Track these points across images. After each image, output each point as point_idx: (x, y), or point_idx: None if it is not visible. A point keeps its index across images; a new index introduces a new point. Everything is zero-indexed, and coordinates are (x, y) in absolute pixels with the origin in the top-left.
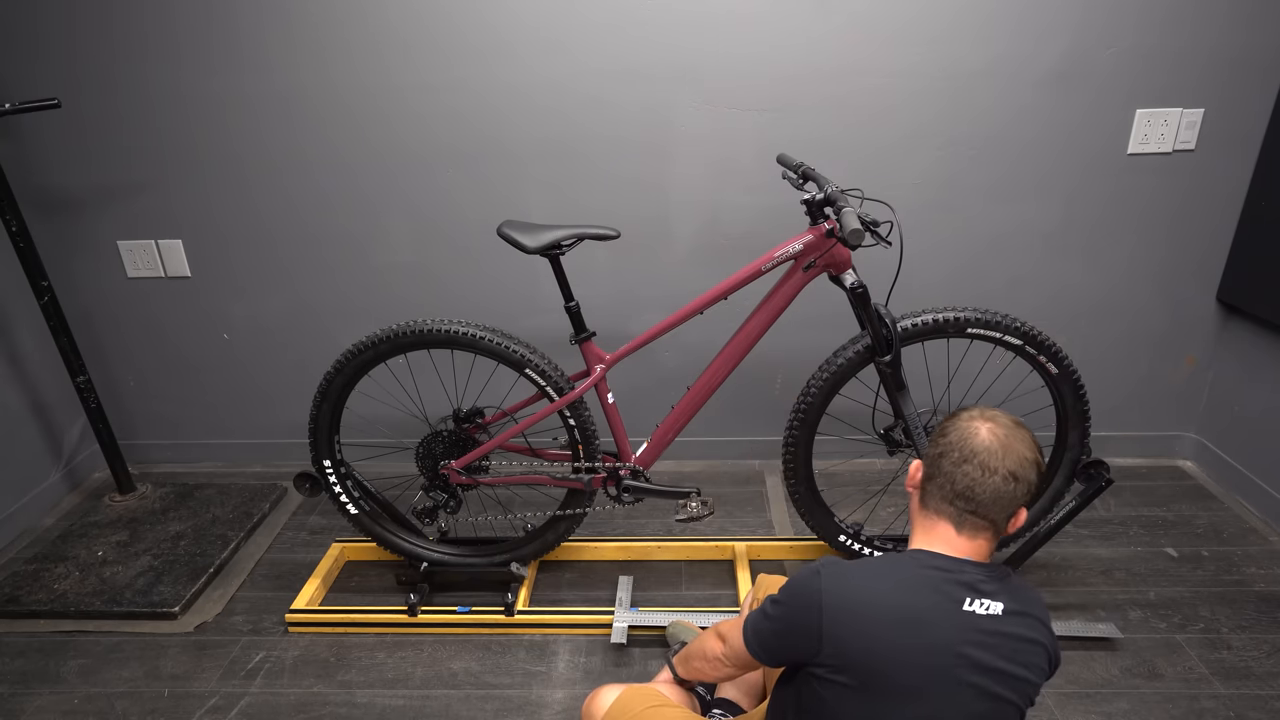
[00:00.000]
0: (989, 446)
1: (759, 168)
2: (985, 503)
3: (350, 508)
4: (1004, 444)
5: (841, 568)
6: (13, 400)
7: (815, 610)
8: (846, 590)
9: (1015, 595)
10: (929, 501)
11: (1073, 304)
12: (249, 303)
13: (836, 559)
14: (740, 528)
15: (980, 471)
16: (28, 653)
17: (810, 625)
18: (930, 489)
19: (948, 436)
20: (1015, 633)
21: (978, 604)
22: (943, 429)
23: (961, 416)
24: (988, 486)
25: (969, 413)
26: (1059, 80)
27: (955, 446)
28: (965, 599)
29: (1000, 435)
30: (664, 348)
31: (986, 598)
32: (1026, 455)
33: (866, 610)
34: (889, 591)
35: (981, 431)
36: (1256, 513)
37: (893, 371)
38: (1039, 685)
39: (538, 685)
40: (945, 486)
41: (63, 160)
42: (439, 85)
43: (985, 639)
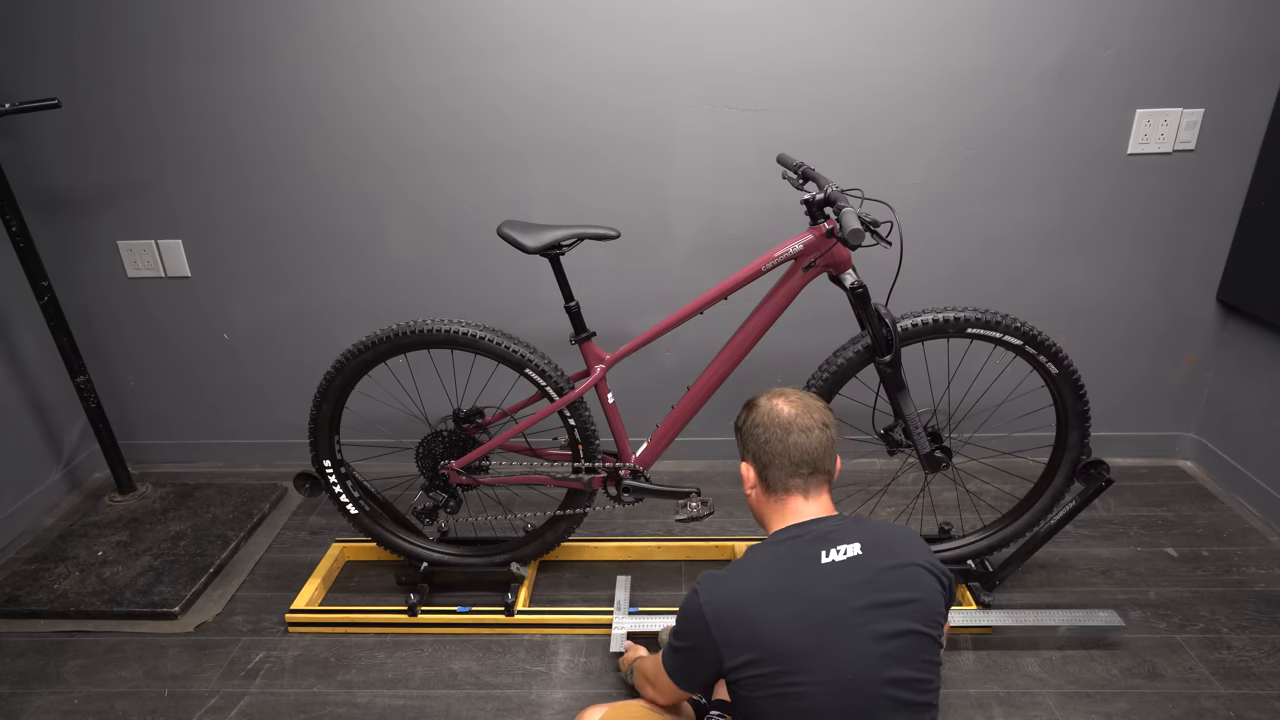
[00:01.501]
0: (795, 412)
1: (759, 167)
2: (819, 457)
3: (350, 508)
4: (803, 404)
5: (714, 577)
6: (13, 400)
7: (703, 624)
8: (722, 594)
9: (872, 532)
10: (775, 486)
11: (1073, 304)
12: (249, 303)
13: (709, 573)
14: (740, 528)
15: (804, 434)
16: (28, 653)
17: (706, 642)
18: (773, 475)
19: (759, 425)
20: (881, 564)
21: (835, 552)
22: (750, 424)
23: (757, 407)
24: (814, 442)
25: (758, 402)
26: (1059, 80)
27: (772, 428)
28: (821, 552)
29: (795, 401)
30: (664, 348)
31: (840, 543)
32: (820, 404)
33: (743, 603)
34: (758, 577)
35: (780, 405)
36: (1256, 513)
37: (893, 371)
38: (936, 603)
39: (538, 685)
40: (784, 463)
41: (63, 160)
42: (439, 85)
43: (854, 579)
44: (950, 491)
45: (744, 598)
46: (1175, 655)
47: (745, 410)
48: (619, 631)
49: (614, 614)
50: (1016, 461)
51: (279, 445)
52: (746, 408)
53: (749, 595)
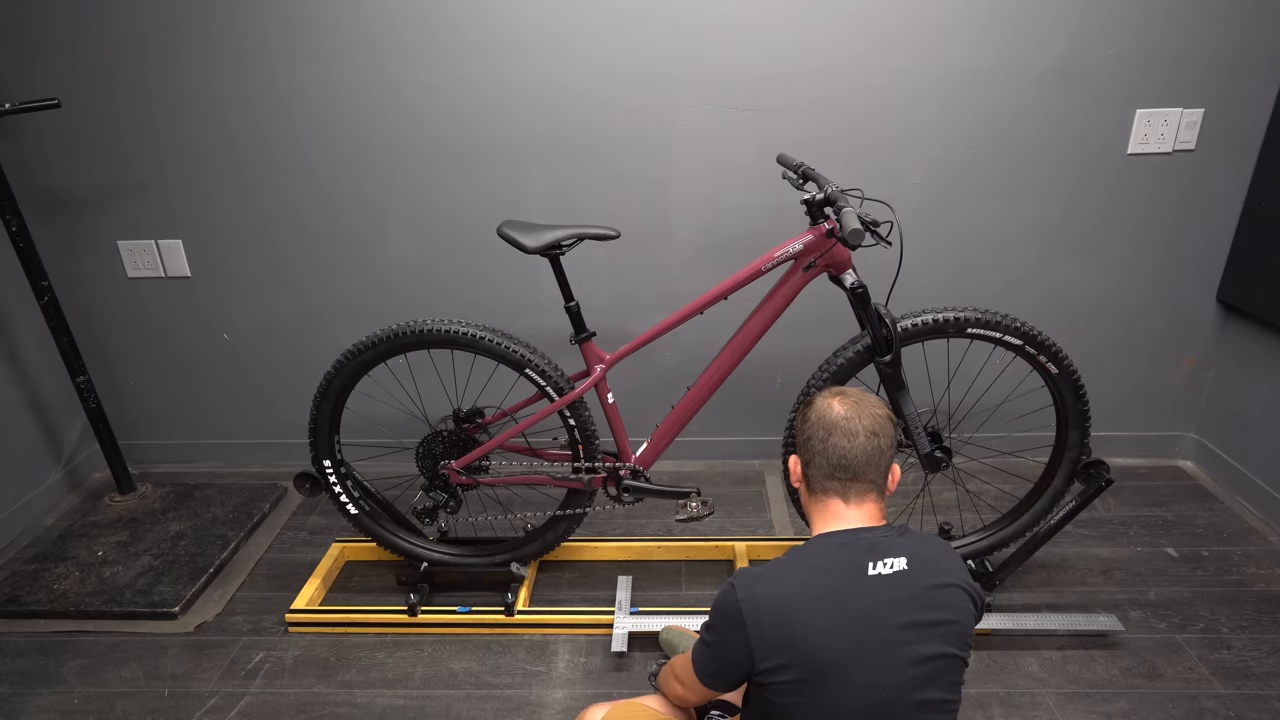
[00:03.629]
0: (844, 414)
1: (759, 167)
2: (860, 465)
3: (350, 508)
4: (856, 408)
5: (751, 574)
6: (13, 400)
7: (739, 623)
8: (760, 593)
9: (917, 547)
10: (815, 486)
11: (1073, 304)
12: (249, 303)
13: (745, 570)
14: (740, 528)
15: (846, 439)
16: (28, 653)
17: (739, 639)
18: (812, 474)
19: (808, 422)
20: (926, 582)
21: (881, 565)
22: (802, 418)
23: (813, 402)
24: (856, 449)
25: (818, 395)
26: (1059, 80)
27: (817, 426)
28: (868, 564)
29: (850, 403)
30: (664, 348)
31: (888, 556)
32: (878, 413)
33: (784, 605)
34: (800, 581)
35: (834, 405)
36: (1256, 513)
37: (893, 371)
38: (970, 625)
39: (538, 685)
40: (823, 464)
41: (63, 160)
42: (439, 84)
43: (898, 594)
44: (950, 491)
45: (784, 599)
46: (1175, 655)
47: (804, 405)
48: (620, 632)
49: (615, 614)
50: (1016, 461)
51: (279, 445)
52: (806, 405)
53: (789, 597)
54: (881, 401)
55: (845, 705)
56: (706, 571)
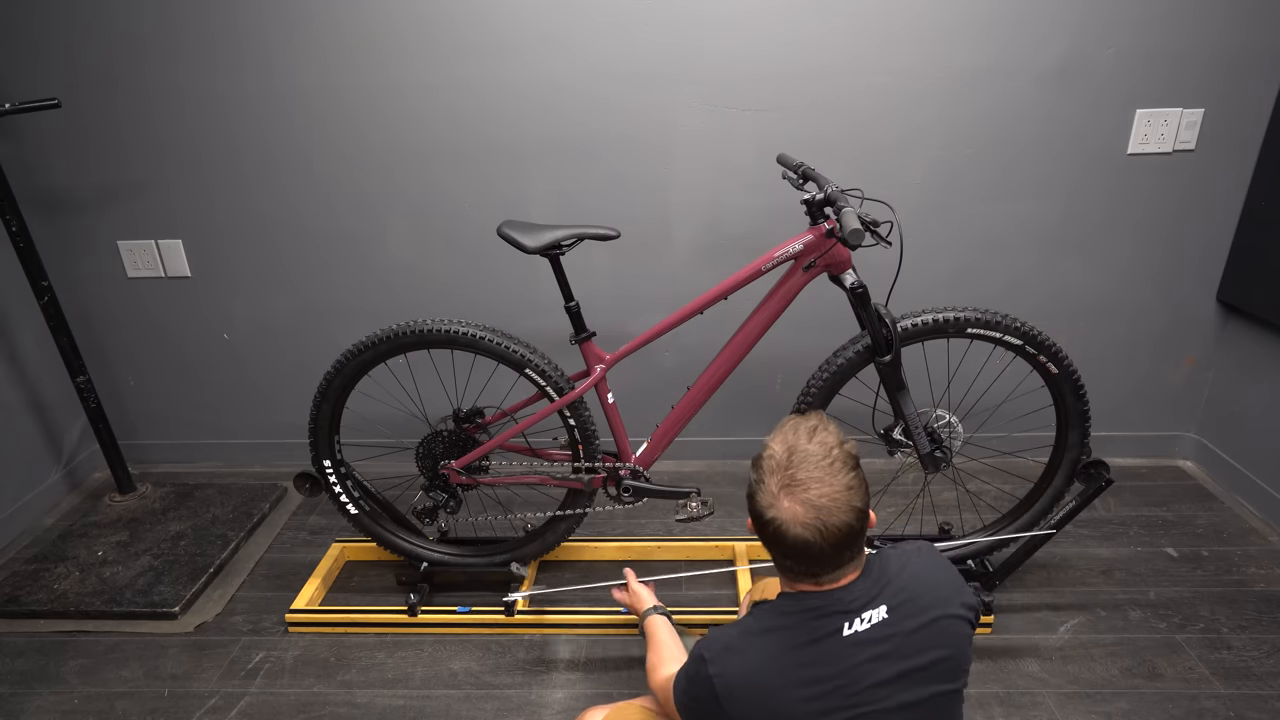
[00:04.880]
0: (803, 536)
1: (759, 167)
2: (834, 560)
3: (350, 508)
4: (816, 528)
5: (724, 645)
6: (13, 400)
7: (713, 699)
8: (734, 668)
9: (898, 586)
10: (778, 565)
11: (1073, 304)
12: (249, 303)
13: (713, 639)
14: (740, 528)
15: (811, 556)
16: (28, 653)
17: (714, 710)
18: (773, 558)
19: (765, 525)
20: (909, 625)
21: (858, 622)
22: (758, 514)
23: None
24: (824, 558)
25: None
26: (1059, 80)
27: (778, 536)
28: (844, 625)
29: (808, 520)
30: (664, 348)
31: (865, 610)
32: (840, 521)
33: (757, 680)
34: (772, 654)
35: (791, 523)
36: (1256, 513)
37: (893, 371)
38: (965, 651)
39: (538, 685)
40: (789, 565)
41: (63, 160)
42: (439, 84)
43: (880, 650)
44: (950, 491)
45: (757, 674)
46: (1175, 655)
47: (756, 475)
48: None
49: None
50: (1016, 461)
51: (279, 445)
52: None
53: (762, 672)
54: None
55: None
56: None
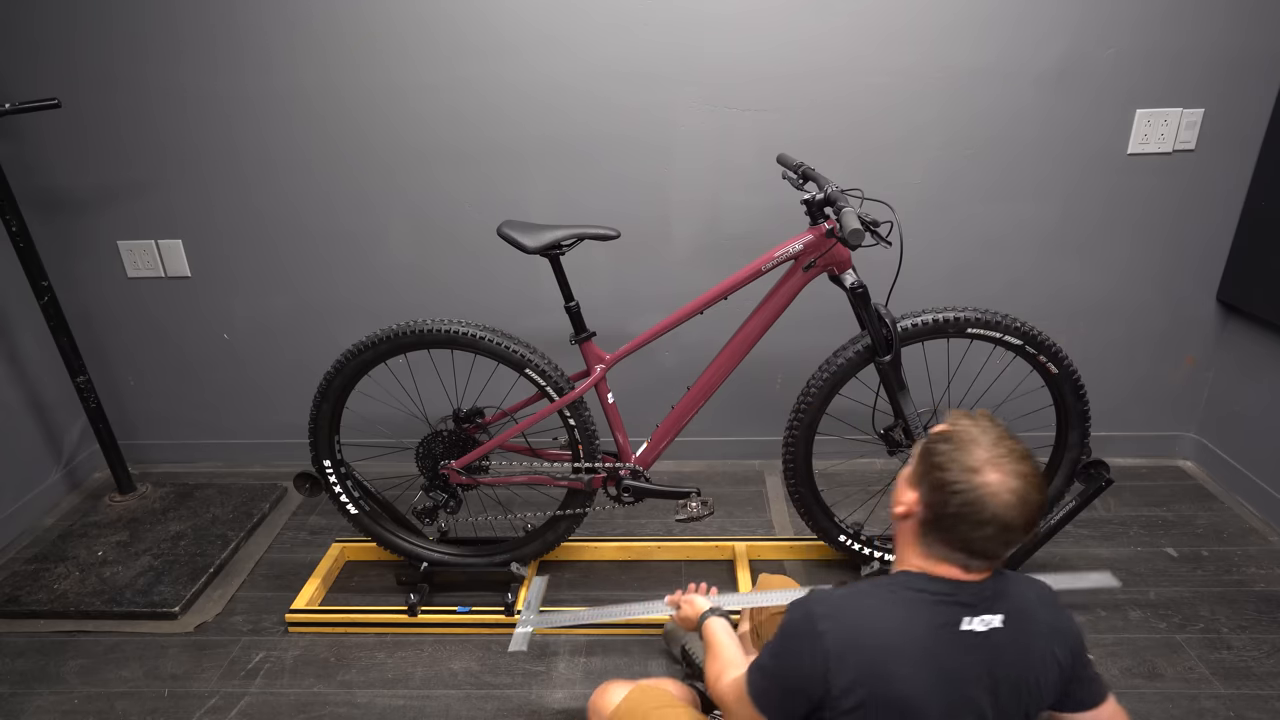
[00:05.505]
0: (1009, 505)
1: (759, 167)
2: (999, 555)
3: (350, 508)
4: (1023, 499)
5: (834, 603)
6: (13, 400)
7: (818, 650)
8: (847, 623)
9: (1017, 600)
10: (933, 546)
11: (1073, 304)
12: (249, 303)
13: (825, 593)
14: (740, 528)
15: (1000, 532)
16: (28, 653)
17: (814, 668)
18: (936, 536)
19: (961, 494)
20: (1020, 643)
21: (977, 621)
22: (952, 481)
23: (973, 463)
24: (1005, 542)
25: (978, 454)
26: (1059, 80)
27: (972, 507)
28: (962, 619)
29: (1019, 490)
30: (664, 348)
31: (985, 613)
32: (1039, 500)
33: (871, 641)
34: (890, 622)
35: (1000, 491)
36: (1256, 513)
37: (893, 371)
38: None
39: (538, 685)
40: (957, 543)
41: (63, 160)
42: (439, 84)
43: (989, 658)
44: None
45: (873, 634)
46: (1175, 655)
47: (950, 446)
48: (521, 631)
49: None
50: None
51: (279, 445)
52: (953, 445)
53: (879, 633)
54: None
55: None
56: (707, 572)
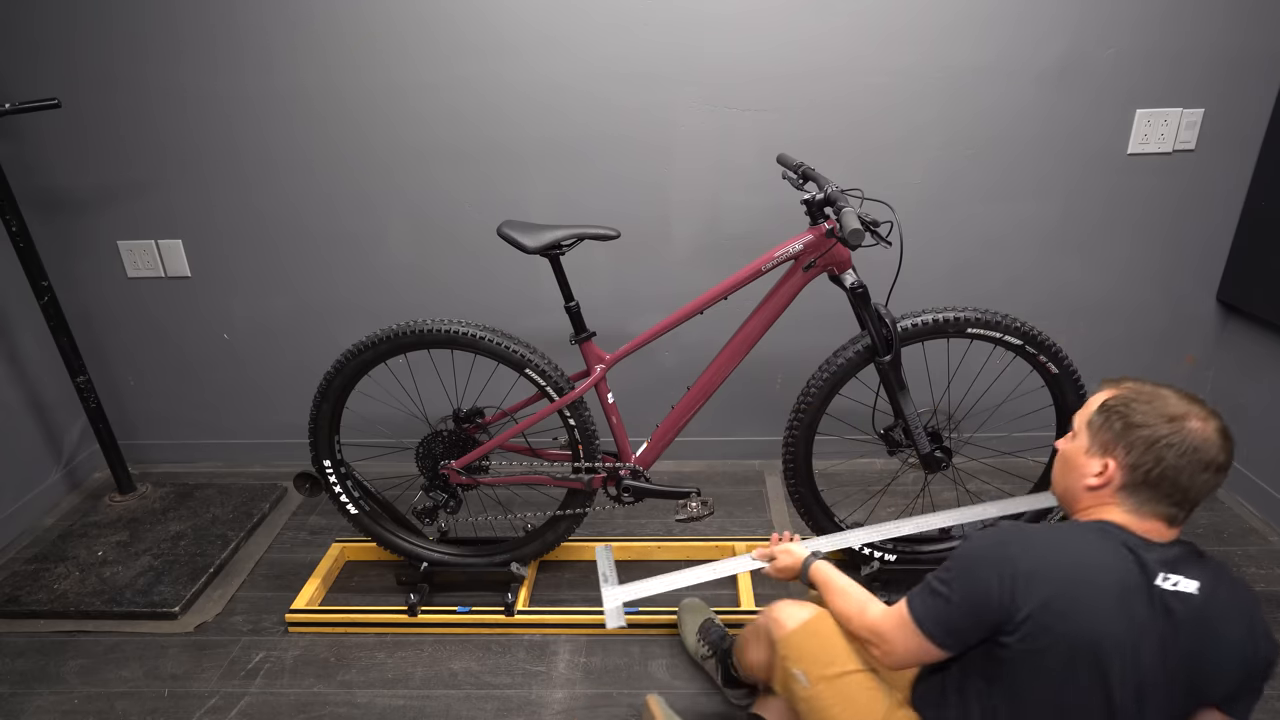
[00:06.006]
0: (1220, 446)
1: (759, 167)
2: (1206, 497)
3: (350, 508)
4: (1225, 436)
5: (1028, 534)
6: (13, 400)
7: (1007, 578)
8: (1038, 553)
9: (1214, 578)
10: (1144, 503)
11: (1073, 304)
12: (249, 303)
13: (1017, 524)
14: (740, 528)
15: (1216, 475)
16: (28, 653)
17: (1003, 595)
18: (1149, 493)
19: (1175, 447)
20: (1209, 618)
21: (1170, 580)
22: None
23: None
24: (1216, 484)
25: (1181, 409)
26: (1059, 80)
27: (1194, 454)
28: (1159, 574)
29: (1221, 428)
30: (664, 348)
31: (1178, 574)
32: (1231, 438)
33: (1061, 575)
34: (1087, 557)
35: (1212, 434)
36: (1256, 513)
37: (893, 371)
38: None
39: (538, 685)
40: (1176, 494)
41: (63, 160)
42: (439, 84)
43: (1173, 619)
44: (950, 491)
45: (1068, 562)
46: None
47: (1143, 403)
48: (613, 606)
49: (603, 586)
50: (1016, 461)
51: (279, 445)
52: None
53: (1075, 563)
54: None
55: (1094, 693)
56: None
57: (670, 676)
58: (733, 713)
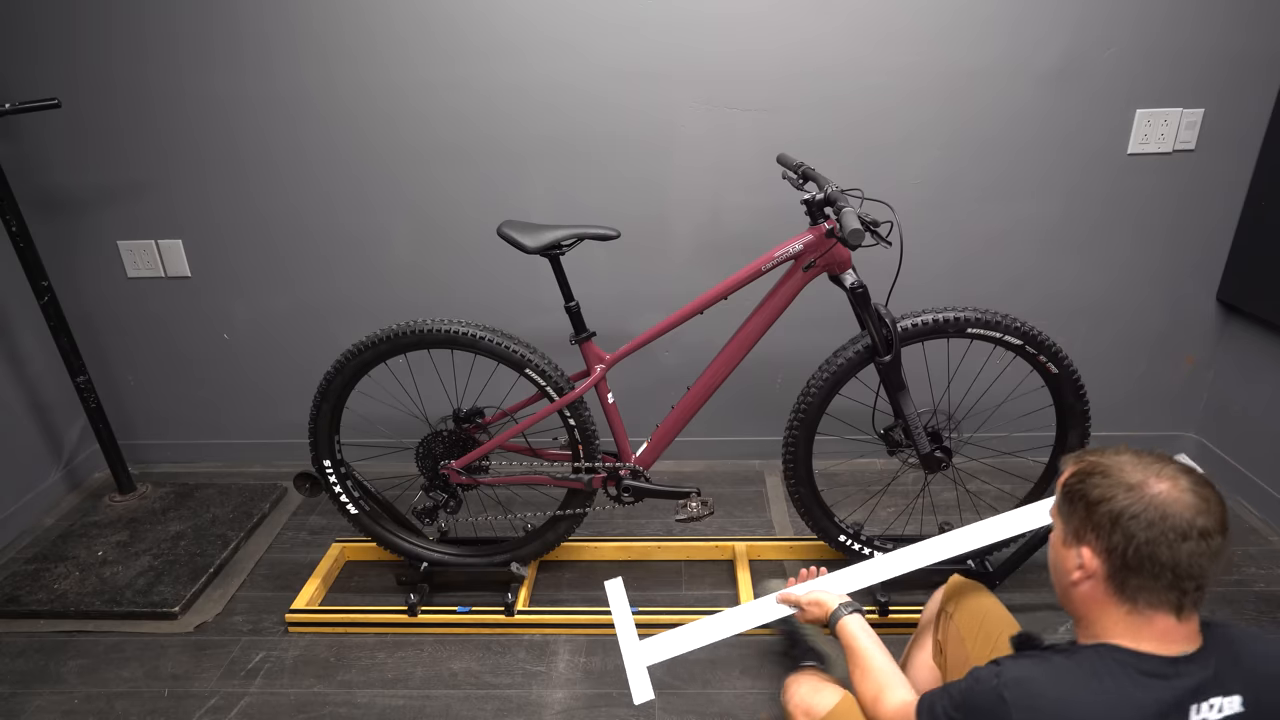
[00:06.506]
0: (1195, 507)
1: (759, 167)
2: (1209, 572)
3: (350, 508)
4: (1203, 496)
5: (1030, 685)
6: (13, 400)
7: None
8: (1048, 713)
9: (1253, 673)
10: (1137, 593)
11: (1073, 304)
12: (249, 303)
13: (1017, 669)
14: (740, 528)
15: (1201, 540)
16: (28, 653)
17: None
18: (1137, 584)
19: (1139, 519)
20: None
21: (1207, 709)
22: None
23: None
24: (1211, 552)
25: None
26: (1058, 80)
27: (1164, 523)
28: (1191, 707)
29: (1193, 489)
30: (664, 348)
31: (1215, 695)
32: (1217, 495)
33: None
34: (1103, 708)
35: (1179, 494)
36: (1256, 513)
37: (893, 371)
38: None
39: (538, 685)
40: (1164, 575)
41: (63, 160)
42: (440, 83)
43: None
44: (950, 491)
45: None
46: None
47: (1099, 477)
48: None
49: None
50: (1016, 461)
51: (279, 445)
52: (1102, 475)
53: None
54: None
55: None
56: (707, 572)
57: (670, 676)
58: (737, 710)
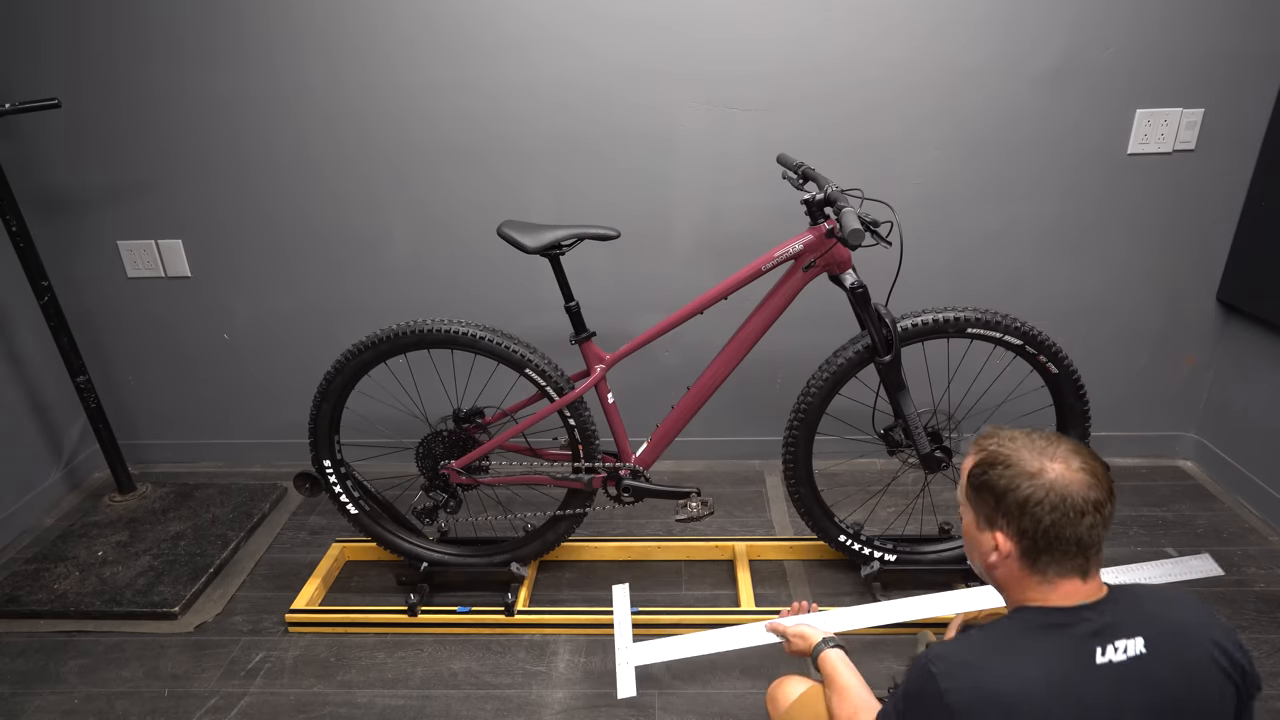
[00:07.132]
0: (1087, 483)
1: (759, 167)
2: (1103, 537)
3: (350, 508)
4: (1092, 471)
5: (957, 660)
6: (13, 400)
7: (945, 716)
8: (971, 684)
9: (1154, 617)
10: (1049, 566)
11: (1072, 303)
12: (249, 302)
13: (941, 649)
14: (740, 528)
15: (1095, 511)
16: (28, 653)
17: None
18: (1046, 559)
19: (1040, 504)
20: (1170, 666)
21: (1111, 650)
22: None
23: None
24: (1104, 520)
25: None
26: (1058, 80)
27: (1064, 504)
28: (1096, 649)
29: (1082, 465)
30: (664, 348)
31: (1119, 637)
32: (1102, 465)
33: (1000, 699)
34: (1017, 669)
35: (1073, 475)
36: (1256, 513)
37: (893, 371)
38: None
39: (538, 685)
40: (1071, 547)
41: (63, 160)
42: (444, 83)
43: (1138, 692)
44: (950, 491)
45: (1000, 692)
46: None
47: (1001, 468)
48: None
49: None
50: None
51: (279, 445)
52: (1004, 465)
53: (1007, 691)
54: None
55: None
56: (707, 572)
57: (671, 676)
58: (737, 710)
